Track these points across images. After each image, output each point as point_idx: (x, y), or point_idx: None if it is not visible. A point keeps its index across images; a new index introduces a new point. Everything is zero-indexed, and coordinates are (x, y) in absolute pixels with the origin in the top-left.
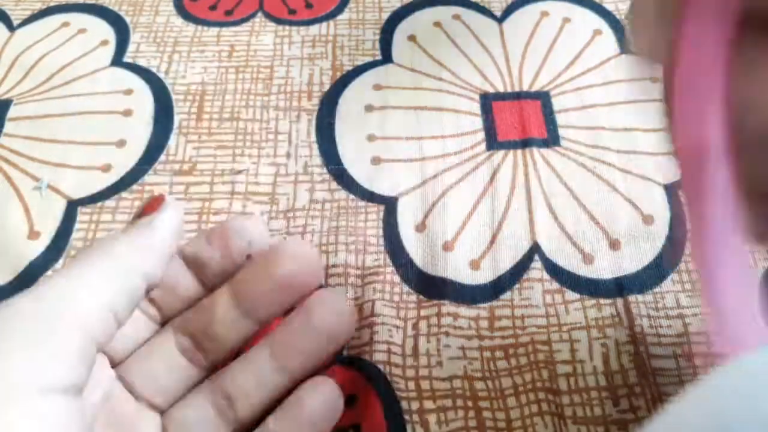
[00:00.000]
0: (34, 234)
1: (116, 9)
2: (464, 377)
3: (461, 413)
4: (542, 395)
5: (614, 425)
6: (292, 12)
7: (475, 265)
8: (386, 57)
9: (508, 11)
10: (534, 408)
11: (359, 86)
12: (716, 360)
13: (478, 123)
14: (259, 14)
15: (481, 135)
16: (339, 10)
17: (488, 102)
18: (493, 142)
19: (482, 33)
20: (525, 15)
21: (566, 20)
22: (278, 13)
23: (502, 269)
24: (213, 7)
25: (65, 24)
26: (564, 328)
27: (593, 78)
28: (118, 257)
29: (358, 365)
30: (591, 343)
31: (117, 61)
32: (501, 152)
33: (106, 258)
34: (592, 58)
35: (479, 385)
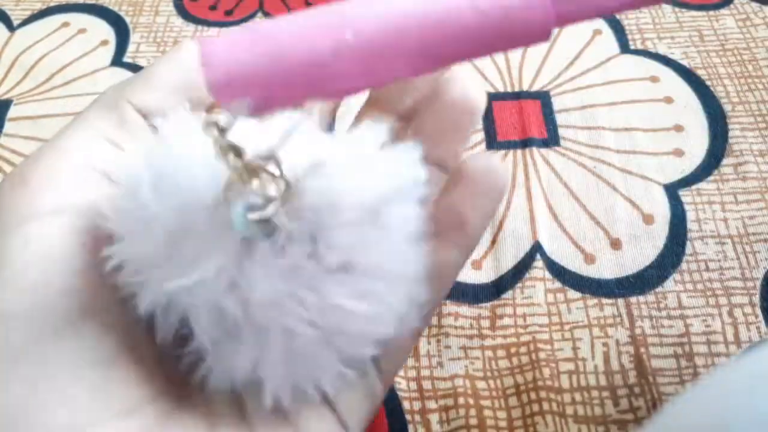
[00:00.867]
0: None
1: (116, 9)
2: (466, 377)
3: (462, 412)
4: (543, 394)
5: (614, 425)
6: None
7: (477, 265)
8: None
9: None
10: (535, 407)
11: None
12: None
13: (478, 123)
14: (259, 14)
15: (481, 135)
16: None
17: (488, 102)
18: (493, 142)
19: None
20: None
21: None
22: (278, 13)
23: (504, 268)
24: (213, 7)
25: (65, 24)
26: (566, 327)
27: (593, 78)
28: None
29: None
30: (593, 342)
31: (117, 61)
32: (501, 152)
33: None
34: (592, 58)
35: (481, 385)
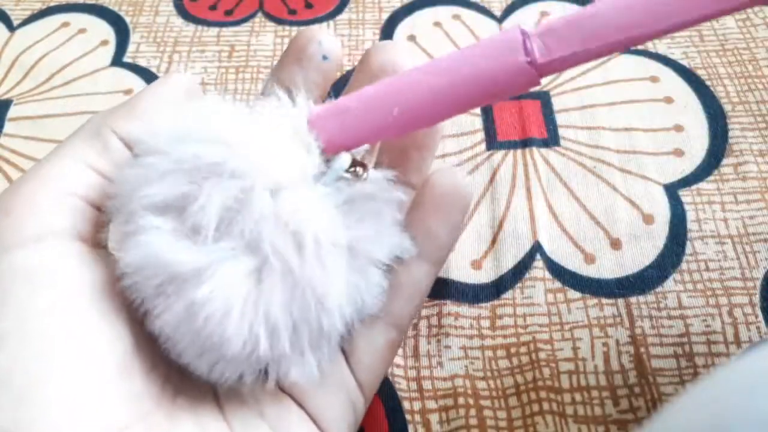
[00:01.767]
0: None
1: (116, 9)
2: (466, 377)
3: (462, 412)
4: (543, 394)
5: (614, 425)
6: (292, 12)
7: (477, 265)
8: None
9: (508, 11)
10: (535, 407)
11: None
12: None
13: (478, 123)
14: (259, 14)
15: (481, 135)
16: (339, 10)
17: None
18: (493, 142)
19: (482, 33)
20: (525, 15)
21: None
22: (278, 13)
23: (504, 268)
24: (213, 7)
25: (65, 24)
26: (566, 327)
27: (593, 78)
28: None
29: None
30: (593, 342)
31: (117, 61)
32: (501, 152)
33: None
34: None
35: (481, 385)
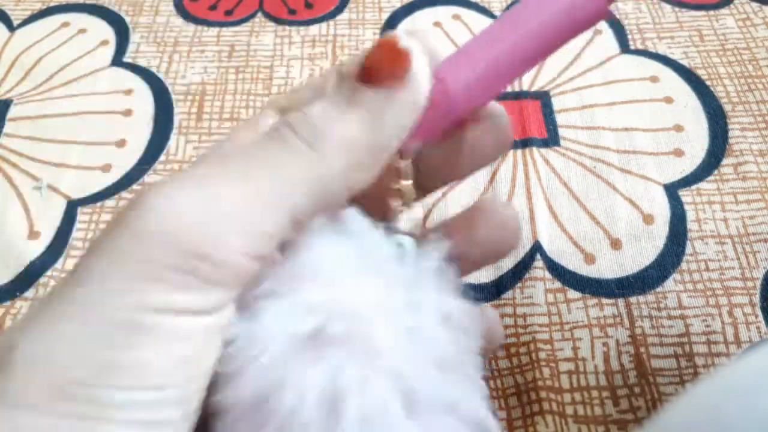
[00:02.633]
0: (34, 234)
1: (116, 9)
2: None
3: None
4: (543, 394)
5: (614, 425)
6: (292, 12)
7: None
8: None
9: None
10: (535, 407)
11: None
12: None
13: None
14: (259, 14)
15: None
16: (339, 10)
17: None
18: None
19: None
20: None
21: None
22: (278, 13)
23: (504, 268)
24: (213, 7)
25: (65, 24)
26: (566, 327)
27: (593, 78)
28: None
29: None
30: (593, 342)
31: (117, 61)
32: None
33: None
34: (592, 58)
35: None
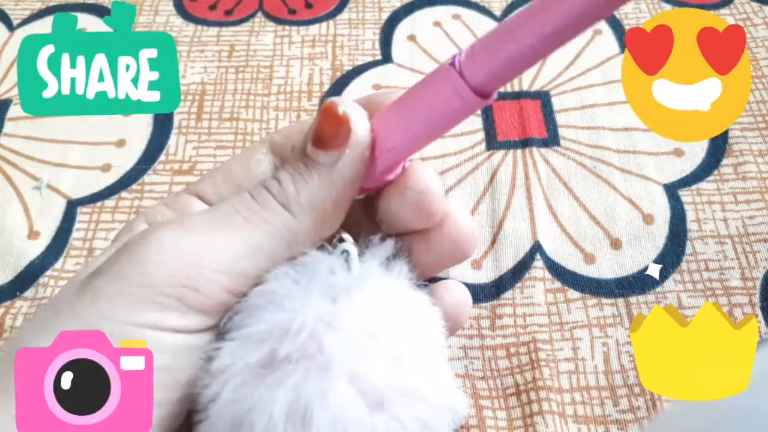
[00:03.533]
0: (34, 234)
1: None
2: (466, 376)
3: None
4: (543, 394)
5: (614, 425)
6: (292, 12)
7: (477, 265)
8: (386, 57)
9: (508, 11)
10: (535, 407)
11: (359, 86)
12: None
13: (478, 123)
14: (259, 14)
15: (481, 135)
16: (339, 10)
17: None
18: (493, 142)
19: (482, 33)
20: None
21: None
22: (278, 13)
23: (504, 268)
24: (213, 7)
25: None
26: (566, 327)
27: (593, 78)
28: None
29: None
30: (593, 342)
31: None
32: (501, 152)
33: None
34: (592, 58)
35: (480, 384)
